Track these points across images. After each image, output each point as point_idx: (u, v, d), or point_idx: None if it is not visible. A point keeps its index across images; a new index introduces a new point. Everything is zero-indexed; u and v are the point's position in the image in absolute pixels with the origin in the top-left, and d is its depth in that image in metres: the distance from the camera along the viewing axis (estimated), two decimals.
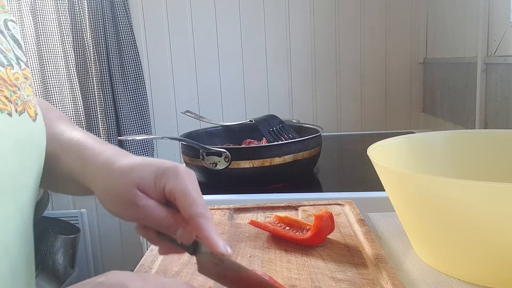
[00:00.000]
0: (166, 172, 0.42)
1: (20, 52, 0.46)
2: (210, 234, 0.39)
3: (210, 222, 0.40)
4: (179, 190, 0.41)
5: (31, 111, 0.44)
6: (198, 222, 0.39)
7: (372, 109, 1.74)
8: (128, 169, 0.43)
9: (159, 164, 0.43)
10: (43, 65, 1.64)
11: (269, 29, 1.71)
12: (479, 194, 0.42)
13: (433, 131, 0.76)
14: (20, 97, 0.42)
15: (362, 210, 0.69)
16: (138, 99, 1.72)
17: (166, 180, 0.41)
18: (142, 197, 0.41)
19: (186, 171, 0.42)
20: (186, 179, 0.41)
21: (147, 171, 0.42)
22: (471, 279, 0.48)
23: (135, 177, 0.42)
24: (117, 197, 0.42)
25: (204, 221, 0.40)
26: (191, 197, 0.40)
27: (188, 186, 0.41)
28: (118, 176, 0.43)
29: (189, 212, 0.40)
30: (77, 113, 1.71)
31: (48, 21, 1.64)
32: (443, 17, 1.49)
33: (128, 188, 0.42)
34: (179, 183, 0.41)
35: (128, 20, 1.69)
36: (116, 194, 0.42)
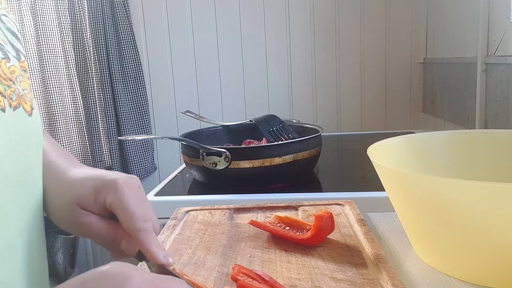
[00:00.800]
0: (104, 186, 0.42)
1: (19, 44, 0.46)
2: (149, 247, 0.40)
3: (149, 235, 0.40)
4: (118, 204, 0.41)
5: (27, 106, 0.43)
6: (137, 236, 0.40)
7: (372, 109, 1.74)
8: (70, 186, 0.43)
9: (99, 177, 0.43)
10: (43, 65, 1.64)
11: (269, 29, 1.71)
12: (479, 194, 0.42)
13: (433, 131, 0.76)
14: (15, 92, 0.42)
15: (362, 210, 0.69)
16: (138, 99, 1.72)
17: (105, 194, 0.42)
18: (83, 214, 0.42)
19: (125, 182, 0.42)
20: (125, 192, 0.41)
21: (87, 186, 0.43)
22: (471, 279, 0.48)
23: (75, 195, 0.42)
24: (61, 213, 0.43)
25: (143, 234, 0.40)
26: (130, 211, 0.40)
27: (126, 200, 0.41)
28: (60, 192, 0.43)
29: (128, 226, 0.40)
30: (77, 113, 1.71)
31: (48, 21, 1.64)
32: (443, 17, 1.49)
33: (70, 206, 0.42)
34: (118, 197, 0.41)
35: (128, 20, 1.69)
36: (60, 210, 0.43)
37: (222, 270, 0.51)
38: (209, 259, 0.54)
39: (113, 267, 0.32)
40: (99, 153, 1.70)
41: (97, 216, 0.43)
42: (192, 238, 0.60)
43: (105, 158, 1.73)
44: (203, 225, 0.65)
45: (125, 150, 1.71)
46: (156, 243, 0.40)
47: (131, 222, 0.40)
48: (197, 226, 0.65)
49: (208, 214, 0.69)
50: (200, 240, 0.60)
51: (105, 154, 1.73)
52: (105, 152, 1.72)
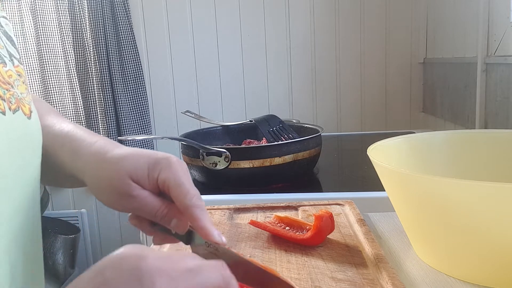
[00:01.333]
0: (159, 162, 0.42)
1: (13, 48, 0.46)
2: (205, 224, 0.39)
3: (204, 212, 0.40)
4: (172, 180, 0.41)
5: (26, 109, 0.43)
6: (193, 212, 0.40)
7: (372, 109, 1.74)
8: (121, 159, 0.42)
9: (152, 154, 0.43)
10: (43, 65, 1.64)
11: (269, 29, 1.71)
12: (479, 194, 0.42)
13: (433, 131, 0.76)
14: (14, 95, 0.42)
15: (362, 210, 0.69)
16: (138, 99, 1.72)
17: (159, 171, 0.41)
18: (135, 187, 0.41)
19: (179, 162, 0.42)
20: (179, 170, 0.41)
21: (140, 161, 0.42)
22: (471, 279, 0.48)
23: (128, 167, 0.42)
24: (110, 187, 0.42)
25: (199, 211, 0.40)
26: (185, 188, 0.40)
27: (182, 177, 0.41)
28: (110, 166, 0.42)
29: (183, 202, 0.40)
30: (77, 113, 1.71)
31: (48, 21, 1.64)
32: (443, 17, 1.49)
33: (121, 178, 0.41)
34: (173, 174, 0.41)
35: (128, 20, 1.69)
36: (108, 184, 0.42)
37: None
38: None
39: (126, 250, 0.32)
40: None
41: (149, 192, 0.42)
42: None
43: None
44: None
45: None
46: (210, 221, 0.40)
47: (186, 198, 0.40)
48: None
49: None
50: None
51: None
52: None
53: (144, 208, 0.42)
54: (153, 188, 0.42)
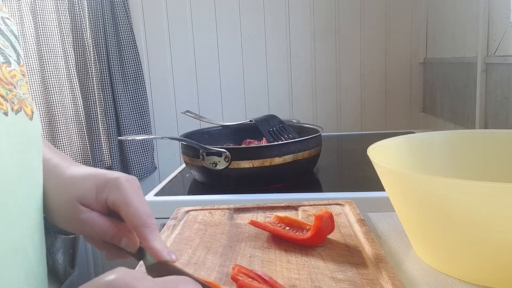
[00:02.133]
0: (107, 184, 0.42)
1: (19, 48, 0.46)
2: (153, 244, 0.40)
3: (153, 231, 0.41)
4: (121, 201, 0.41)
5: (28, 109, 0.43)
6: (141, 232, 0.40)
7: (372, 109, 1.74)
8: (70, 182, 0.44)
9: (100, 175, 0.43)
10: (43, 65, 1.64)
11: (269, 29, 1.71)
12: (479, 194, 0.42)
13: (433, 131, 0.76)
14: (17, 96, 0.42)
15: (362, 210, 0.69)
16: (138, 99, 1.72)
17: (107, 192, 0.42)
18: (83, 211, 0.42)
19: (127, 180, 0.43)
20: (128, 189, 0.42)
21: (89, 183, 0.43)
22: (471, 279, 0.48)
23: (76, 191, 0.43)
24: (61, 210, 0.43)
25: (148, 231, 0.40)
26: (133, 208, 0.41)
27: (130, 197, 0.41)
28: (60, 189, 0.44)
29: (132, 222, 0.41)
30: (77, 113, 1.71)
31: (48, 21, 1.64)
32: (443, 17, 1.49)
33: (70, 202, 0.43)
34: (121, 194, 0.42)
35: (128, 20, 1.69)
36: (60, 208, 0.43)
37: (222, 270, 0.51)
38: (209, 259, 0.54)
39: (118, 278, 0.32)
40: (99, 153, 1.70)
41: (98, 213, 0.43)
42: (192, 238, 0.60)
43: (105, 158, 1.73)
44: (203, 225, 0.65)
45: (125, 150, 1.71)
46: (160, 240, 0.41)
47: (135, 217, 0.41)
48: (197, 226, 0.65)
49: (208, 214, 0.69)
50: (200, 240, 0.60)
51: (105, 154, 1.73)
52: (105, 152, 1.73)
53: (93, 230, 0.43)
54: (103, 209, 0.43)
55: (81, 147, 1.73)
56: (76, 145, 1.73)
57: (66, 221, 0.44)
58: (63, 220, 0.44)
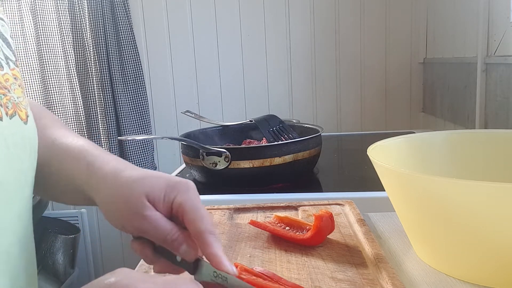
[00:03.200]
0: (177, 185, 0.42)
1: (9, 51, 0.45)
2: (218, 251, 0.39)
3: (218, 240, 0.40)
4: (189, 204, 0.41)
5: (22, 114, 0.43)
6: (206, 238, 0.39)
7: (372, 109, 1.74)
8: (139, 179, 0.42)
9: (170, 177, 0.43)
10: (43, 65, 1.64)
11: (269, 29, 1.71)
12: (479, 194, 0.42)
13: (433, 131, 0.76)
14: (11, 100, 0.41)
15: (362, 210, 0.69)
16: (138, 99, 1.72)
17: (176, 194, 0.41)
18: (149, 207, 0.41)
19: (195, 188, 0.43)
20: (196, 196, 0.42)
21: (158, 182, 0.42)
22: (471, 279, 0.48)
23: (145, 187, 0.41)
24: (123, 205, 0.41)
25: (213, 237, 0.40)
26: (201, 213, 0.40)
27: (198, 202, 0.41)
28: (127, 185, 0.42)
29: (198, 227, 0.40)
30: (77, 113, 1.71)
31: (48, 21, 1.64)
32: (443, 17, 1.49)
33: (136, 197, 0.41)
34: (190, 198, 0.41)
35: (128, 20, 1.69)
36: (122, 202, 0.41)
37: None
38: None
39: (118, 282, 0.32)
40: None
41: (161, 214, 0.41)
42: None
43: None
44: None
45: (125, 150, 1.71)
46: (222, 250, 0.40)
47: (202, 223, 0.40)
48: None
49: None
50: None
51: None
52: None
53: (155, 230, 0.41)
54: (166, 211, 0.42)
55: None
56: None
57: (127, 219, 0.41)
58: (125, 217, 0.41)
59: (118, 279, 0.32)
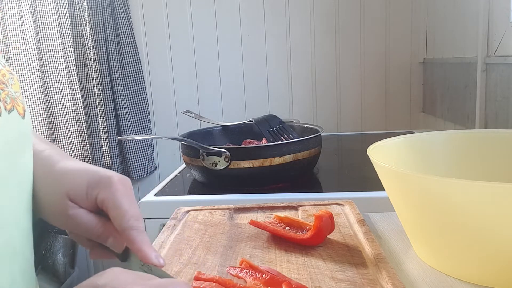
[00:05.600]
0: (99, 181, 0.42)
1: None
2: (142, 246, 0.39)
3: (142, 234, 0.40)
4: (111, 201, 0.41)
5: (20, 108, 0.43)
6: (129, 235, 0.40)
7: (372, 109, 1.74)
8: (61, 176, 0.42)
9: (94, 172, 0.42)
10: (43, 65, 1.64)
11: (269, 29, 1.71)
12: (479, 194, 0.42)
13: (433, 131, 0.76)
14: (9, 94, 0.42)
15: (362, 210, 0.69)
16: (138, 99, 1.72)
17: (98, 191, 0.41)
18: (71, 206, 0.41)
19: (119, 180, 0.42)
20: (119, 189, 0.41)
21: (80, 179, 0.42)
22: (471, 279, 0.48)
23: (67, 186, 0.42)
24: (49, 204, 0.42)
25: (136, 233, 0.40)
26: (122, 209, 0.40)
27: (120, 198, 0.41)
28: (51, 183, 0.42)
29: (120, 224, 0.40)
30: (77, 113, 1.71)
31: (48, 21, 1.64)
32: (443, 17, 1.49)
33: (59, 197, 0.42)
34: (111, 194, 0.41)
35: (128, 20, 1.69)
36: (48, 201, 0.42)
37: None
38: (209, 259, 0.54)
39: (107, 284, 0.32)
40: (99, 153, 1.70)
41: (86, 210, 0.42)
42: (192, 238, 0.60)
43: (105, 158, 1.73)
44: (203, 225, 0.65)
45: (125, 150, 1.71)
46: (148, 243, 0.40)
47: (124, 219, 0.40)
48: (197, 226, 0.65)
49: (208, 214, 0.69)
50: (200, 240, 0.60)
51: (105, 154, 1.73)
52: (105, 152, 1.73)
53: (79, 227, 0.42)
54: (92, 206, 0.42)
55: (81, 147, 1.73)
56: (76, 145, 1.73)
57: (54, 216, 0.43)
58: (51, 214, 0.43)
59: (107, 281, 0.32)
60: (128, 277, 0.33)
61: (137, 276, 0.34)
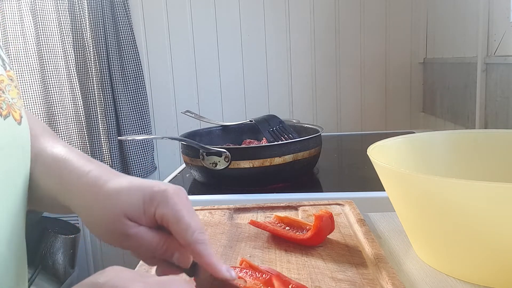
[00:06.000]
0: (154, 197, 0.39)
1: (2, 53, 0.45)
2: (210, 260, 0.38)
3: (208, 247, 0.38)
4: (171, 216, 0.39)
5: (16, 115, 0.43)
6: (195, 249, 0.38)
7: (372, 109, 1.74)
8: (115, 195, 0.40)
9: (147, 188, 0.40)
10: (43, 65, 1.64)
11: (269, 29, 1.71)
12: (479, 194, 0.42)
13: (433, 131, 0.76)
14: (5, 101, 0.42)
15: (362, 210, 0.69)
16: (138, 99, 1.72)
17: (156, 206, 0.39)
18: (131, 226, 0.39)
19: (176, 193, 0.40)
20: (177, 203, 0.39)
21: (135, 196, 0.40)
22: (471, 279, 0.48)
23: (122, 205, 0.40)
24: (105, 225, 0.40)
25: (203, 246, 0.38)
26: (185, 223, 0.38)
27: (180, 211, 0.39)
28: (104, 203, 0.40)
29: (185, 238, 0.38)
30: (77, 113, 1.71)
31: (48, 21, 1.64)
32: (443, 17, 1.49)
33: (116, 217, 0.40)
34: (170, 209, 0.39)
35: (128, 20, 1.69)
36: (103, 223, 0.40)
37: None
38: None
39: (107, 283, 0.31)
40: (99, 153, 1.70)
41: (146, 228, 0.40)
42: None
43: (105, 158, 1.73)
44: (203, 225, 0.65)
45: (125, 150, 1.71)
46: (215, 256, 0.39)
47: (188, 234, 0.38)
48: None
49: (208, 214, 0.69)
50: None
51: (105, 154, 1.73)
52: (105, 152, 1.73)
53: (142, 246, 0.40)
54: (151, 223, 0.40)
55: (81, 147, 1.73)
56: (76, 145, 1.73)
57: (113, 238, 0.41)
58: (110, 236, 0.41)
59: (108, 279, 0.31)
60: (129, 275, 0.33)
61: (138, 274, 0.34)
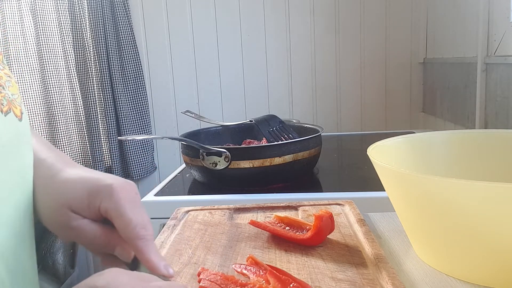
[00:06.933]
0: (100, 191, 0.40)
1: None
2: (149, 256, 0.38)
3: (149, 243, 0.39)
4: (113, 210, 0.39)
5: (17, 110, 0.43)
6: (135, 244, 0.38)
7: (372, 109, 1.74)
8: (62, 187, 0.41)
9: (93, 181, 0.41)
10: (43, 65, 1.64)
11: (269, 29, 1.71)
12: (479, 194, 0.42)
13: (433, 131, 0.76)
14: (5, 97, 0.41)
15: (362, 210, 0.69)
16: (138, 99, 1.72)
17: (100, 200, 0.40)
18: (74, 218, 0.40)
19: (122, 187, 0.40)
20: (121, 198, 0.39)
21: (80, 189, 0.40)
22: (471, 279, 0.48)
23: (67, 197, 0.40)
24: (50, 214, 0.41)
25: (143, 242, 0.38)
26: (126, 218, 0.38)
27: (122, 206, 0.39)
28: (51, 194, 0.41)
29: (125, 234, 0.39)
30: (77, 113, 1.71)
31: (48, 21, 1.64)
32: (443, 17, 1.49)
33: (60, 208, 0.40)
34: (114, 203, 0.39)
35: (128, 20, 1.69)
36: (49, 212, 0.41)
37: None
38: (209, 259, 0.54)
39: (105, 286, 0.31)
40: (99, 153, 1.70)
41: (89, 220, 0.41)
42: (192, 238, 0.60)
43: (105, 158, 1.73)
44: (203, 225, 0.65)
45: (125, 150, 1.71)
46: (156, 252, 0.39)
47: (128, 229, 0.38)
48: (197, 226, 0.65)
49: (208, 214, 0.69)
50: (200, 240, 0.60)
51: (105, 154, 1.73)
52: (105, 152, 1.73)
53: (83, 238, 0.41)
54: (96, 216, 0.41)
55: (81, 147, 1.73)
56: (76, 145, 1.72)
57: (56, 228, 0.42)
58: (55, 225, 0.42)
59: (106, 282, 0.31)
60: (127, 278, 0.33)
61: (137, 277, 0.34)
